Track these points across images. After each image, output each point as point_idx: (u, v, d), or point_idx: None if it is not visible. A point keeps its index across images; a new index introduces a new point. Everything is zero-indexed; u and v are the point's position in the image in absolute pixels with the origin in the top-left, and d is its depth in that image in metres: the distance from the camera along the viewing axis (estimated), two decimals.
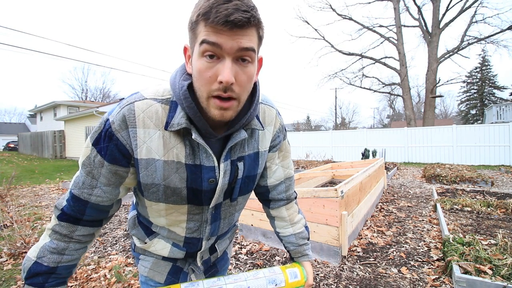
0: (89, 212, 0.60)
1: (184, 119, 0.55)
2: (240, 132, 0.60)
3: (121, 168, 0.58)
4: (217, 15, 0.45)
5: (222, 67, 0.48)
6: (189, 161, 0.59)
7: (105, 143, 0.55)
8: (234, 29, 0.46)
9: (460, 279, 1.82)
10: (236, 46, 0.48)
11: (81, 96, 41.09)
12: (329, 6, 17.33)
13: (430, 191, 5.60)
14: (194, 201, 0.63)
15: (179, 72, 0.59)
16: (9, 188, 5.44)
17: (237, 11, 0.45)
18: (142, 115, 0.54)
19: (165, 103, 0.57)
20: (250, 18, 0.47)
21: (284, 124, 0.78)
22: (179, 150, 0.57)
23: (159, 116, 0.56)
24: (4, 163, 13.02)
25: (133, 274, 2.22)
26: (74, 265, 0.64)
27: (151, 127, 0.55)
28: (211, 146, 0.60)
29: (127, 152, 0.56)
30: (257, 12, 0.49)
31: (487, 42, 15.07)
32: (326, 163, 8.00)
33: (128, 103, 0.55)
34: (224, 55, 0.48)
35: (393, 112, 47.80)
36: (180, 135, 0.57)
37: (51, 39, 28.08)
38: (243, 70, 0.51)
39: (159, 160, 0.57)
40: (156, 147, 0.56)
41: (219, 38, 0.47)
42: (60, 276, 0.61)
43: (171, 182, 0.59)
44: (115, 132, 0.54)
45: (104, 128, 0.55)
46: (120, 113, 0.54)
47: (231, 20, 0.45)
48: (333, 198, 2.40)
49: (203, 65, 0.49)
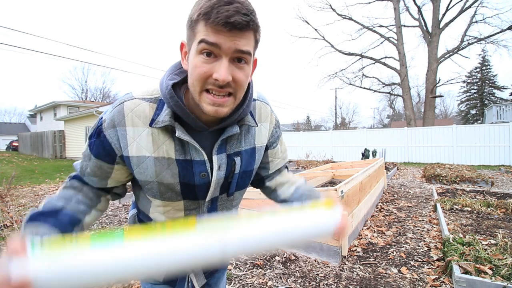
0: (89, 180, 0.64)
1: (168, 117, 0.56)
2: (233, 127, 0.62)
3: (105, 164, 0.61)
4: (218, 16, 0.46)
5: (219, 65, 0.50)
6: (179, 157, 0.60)
7: (94, 139, 0.60)
8: (233, 31, 0.48)
9: (460, 279, 1.82)
10: (233, 47, 0.49)
11: (81, 96, 41.16)
12: (329, 6, 17.34)
13: (430, 191, 5.60)
14: (189, 196, 0.64)
15: (167, 73, 0.61)
16: (9, 188, 5.42)
17: (237, 14, 0.47)
18: (131, 114, 0.57)
19: (153, 101, 0.59)
20: (249, 21, 0.48)
21: (278, 119, 0.80)
22: (168, 146, 0.59)
23: (146, 114, 0.58)
24: (4, 163, 13.02)
25: None
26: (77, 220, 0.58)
27: (139, 125, 0.58)
28: (203, 140, 0.62)
29: (112, 150, 0.59)
30: (256, 16, 0.50)
31: (487, 42, 15.08)
32: (326, 163, 8.00)
33: (119, 103, 0.59)
34: (221, 55, 0.50)
35: (393, 112, 47.85)
36: (168, 132, 0.59)
37: (51, 39, 28.10)
38: (239, 69, 0.53)
39: (150, 157, 0.59)
40: (145, 144, 0.58)
41: (218, 38, 0.48)
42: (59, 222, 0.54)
43: (164, 178, 0.60)
44: (104, 130, 0.58)
45: (97, 125, 0.59)
46: (112, 113, 0.58)
47: (231, 21, 0.46)
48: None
49: (199, 62, 0.51)
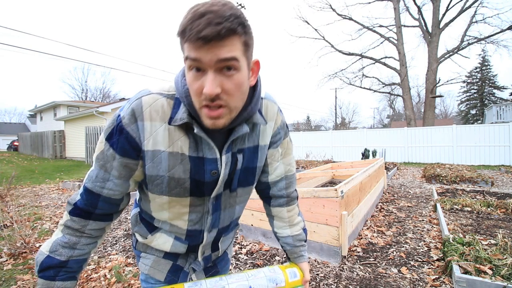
0: (101, 205, 0.64)
1: (186, 115, 0.58)
2: (243, 126, 0.62)
3: (131, 161, 0.61)
4: (191, 33, 0.47)
5: (206, 79, 0.51)
6: (192, 153, 0.62)
7: (116, 137, 0.59)
8: (210, 43, 0.47)
9: (460, 279, 1.82)
10: (214, 58, 0.49)
11: (81, 96, 41.12)
12: (329, 6, 17.34)
13: (430, 191, 5.60)
14: (196, 193, 0.66)
15: (182, 71, 0.62)
16: (9, 188, 5.44)
17: (208, 26, 0.46)
18: (149, 109, 0.58)
19: (170, 98, 0.60)
20: (221, 30, 0.47)
21: (286, 122, 0.79)
22: (183, 142, 0.61)
23: (164, 110, 0.59)
24: (4, 163, 13.02)
25: (133, 274, 2.22)
26: (85, 260, 0.66)
27: (157, 120, 0.59)
28: (214, 139, 0.63)
29: (137, 145, 0.59)
30: (233, 21, 0.48)
31: (487, 42, 15.07)
32: (326, 163, 8.00)
33: (136, 98, 0.59)
34: (206, 68, 0.50)
35: (393, 112, 47.83)
36: (183, 129, 0.61)
37: (51, 39, 28.11)
38: (228, 79, 0.52)
39: (164, 152, 0.60)
40: (161, 139, 0.59)
41: (198, 53, 0.49)
42: (70, 270, 0.63)
43: (176, 173, 0.62)
44: (125, 126, 0.58)
45: (116, 123, 0.59)
46: (130, 108, 0.58)
47: (202, 36, 0.46)
48: (333, 198, 2.40)
49: (191, 78, 0.53)
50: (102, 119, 13.34)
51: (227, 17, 0.48)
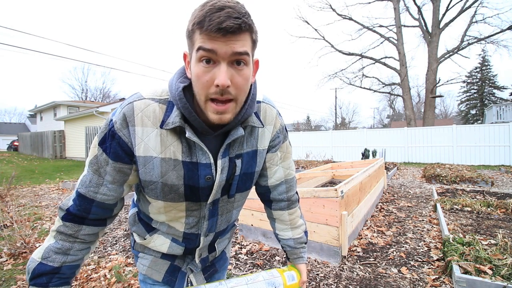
0: (95, 210, 0.62)
1: (179, 118, 0.57)
2: (238, 129, 0.62)
3: (125, 166, 0.60)
4: (211, 23, 0.48)
5: (218, 71, 0.51)
6: (185, 159, 0.61)
7: (108, 142, 0.58)
8: (227, 35, 0.49)
9: (460, 279, 1.82)
10: (230, 51, 0.50)
11: (81, 96, 41.11)
12: (329, 6, 17.33)
13: (430, 191, 5.60)
14: (191, 198, 0.65)
15: (177, 75, 0.62)
16: (9, 188, 5.44)
17: (228, 19, 0.48)
18: (141, 114, 0.58)
19: (163, 102, 0.60)
20: (241, 24, 0.49)
21: (285, 125, 0.78)
22: (176, 147, 0.60)
23: (156, 115, 0.58)
24: (4, 163, 13.02)
25: (133, 274, 2.22)
26: (78, 266, 0.65)
27: (148, 125, 0.58)
28: (208, 143, 0.62)
29: (129, 149, 0.59)
30: (248, 18, 0.51)
31: (487, 42, 15.07)
32: (326, 163, 8.00)
33: (128, 103, 0.59)
34: (219, 60, 0.51)
35: (393, 112, 47.82)
36: (176, 133, 0.60)
37: (51, 39, 28.11)
38: (238, 73, 0.53)
39: (156, 158, 0.59)
40: (153, 145, 0.59)
41: (214, 45, 0.50)
42: (64, 276, 0.62)
43: (169, 179, 0.61)
44: (117, 131, 0.57)
45: (108, 127, 0.58)
46: (121, 113, 0.58)
47: (223, 27, 0.48)
48: (333, 198, 2.40)
49: (200, 70, 0.52)
50: (102, 119, 13.35)
51: (243, 13, 0.50)
